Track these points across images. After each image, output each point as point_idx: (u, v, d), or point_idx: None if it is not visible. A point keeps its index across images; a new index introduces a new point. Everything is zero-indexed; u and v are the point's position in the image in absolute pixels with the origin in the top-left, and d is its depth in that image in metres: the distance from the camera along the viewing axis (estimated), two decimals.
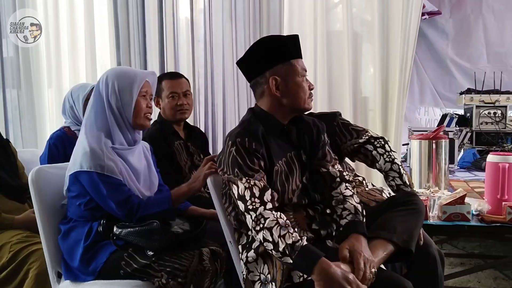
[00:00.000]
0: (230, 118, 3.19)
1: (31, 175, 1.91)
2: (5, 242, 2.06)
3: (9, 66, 3.49)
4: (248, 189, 1.51)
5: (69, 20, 3.40)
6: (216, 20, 3.16)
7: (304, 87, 1.69)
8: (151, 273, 1.73)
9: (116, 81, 1.86)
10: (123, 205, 1.77)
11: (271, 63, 1.66)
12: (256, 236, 1.47)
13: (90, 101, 1.90)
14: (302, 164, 1.72)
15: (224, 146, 1.66)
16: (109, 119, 1.85)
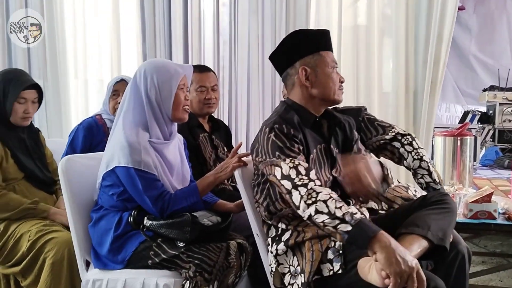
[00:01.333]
0: (254, 112, 3.20)
1: (61, 165, 1.95)
2: (24, 231, 2.09)
3: (36, 57, 3.55)
4: (293, 168, 1.50)
5: (96, 12, 3.44)
6: (242, 14, 3.17)
7: (334, 78, 1.71)
8: (179, 264, 1.76)
9: (156, 75, 1.86)
10: (157, 201, 1.80)
11: (301, 54, 1.70)
12: (306, 210, 1.44)
13: (127, 94, 1.91)
14: (332, 157, 1.73)
15: (259, 135, 1.66)
16: (147, 113, 1.87)
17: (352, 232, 1.36)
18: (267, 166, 1.58)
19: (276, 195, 1.66)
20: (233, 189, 2.55)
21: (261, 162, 1.61)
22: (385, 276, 1.29)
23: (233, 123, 3.25)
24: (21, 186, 2.23)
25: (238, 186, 1.86)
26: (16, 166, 2.21)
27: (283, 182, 1.51)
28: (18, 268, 2.07)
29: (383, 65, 3.13)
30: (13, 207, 2.13)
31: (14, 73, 2.32)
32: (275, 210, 1.67)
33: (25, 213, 2.15)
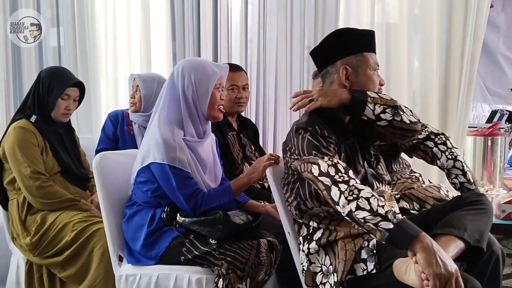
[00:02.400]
0: (282, 111, 3.19)
1: (95, 161, 1.99)
2: (67, 222, 2.15)
3: (66, 55, 3.61)
4: (332, 166, 1.50)
5: (126, 10, 3.48)
6: (270, 13, 3.16)
7: (374, 81, 1.71)
8: (211, 261, 1.78)
9: (194, 73, 1.89)
10: (190, 199, 1.82)
11: (343, 53, 1.69)
12: (346, 206, 1.42)
13: (164, 92, 1.94)
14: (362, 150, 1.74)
15: (292, 135, 1.66)
16: (182, 111, 1.89)
17: (393, 230, 1.34)
18: (303, 163, 1.57)
19: (305, 194, 1.67)
20: (260, 187, 2.57)
21: (296, 160, 1.60)
22: (425, 278, 1.28)
23: (260, 121, 3.25)
24: (57, 180, 2.29)
25: (270, 184, 1.87)
26: (54, 159, 2.29)
27: (322, 179, 1.50)
28: (59, 259, 2.13)
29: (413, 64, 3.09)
30: (59, 196, 2.21)
31: (61, 71, 2.44)
32: (305, 209, 1.67)
33: (67, 204, 2.22)
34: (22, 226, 2.19)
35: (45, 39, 3.70)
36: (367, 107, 1.62)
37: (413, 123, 1.67)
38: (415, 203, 1.92)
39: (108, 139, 2.70)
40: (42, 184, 2.17)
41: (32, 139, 2.22)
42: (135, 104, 2.70)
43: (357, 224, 1.43)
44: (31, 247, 2.13)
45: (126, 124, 2.73)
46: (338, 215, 1.59)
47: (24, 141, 2.19)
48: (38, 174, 2.18)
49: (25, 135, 2.20)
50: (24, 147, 2.18)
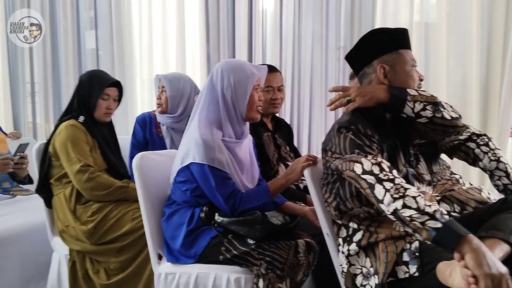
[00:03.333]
0: (317, 112, 3.18)
1: (135, 161, 2.02)
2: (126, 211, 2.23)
3: (104, 57, 3.69)
4: (376, 165, 1.48)
5: (161, 13, 3.54)
6: (306, 13, 3.15)
7: (413, 76, 1.69)
8: (250, 261, 1.79)
9: (232, 75, 1.90)
10: (229, 199, 1.84)
11: (379, 52, 1.69)
12: (391, 204, 1.39)
13: (203, 93, 1.96)
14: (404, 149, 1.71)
15: (332, 134, 1.65)
16: (221, 112, 1.91)
17: (441, 230, 1.31)
18: (345, 162, 1.55)
19: (346, 194, 1.65)
20: (296, 188, 2.56)
21: (337, 159, 1.59)
22: (472, 282, 1.25)
23: (295, 122, 3.25)
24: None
25: (308, 186, 1.86)
26: (101, 157, 2.37)
27: (365, 177, 1.48)
28: (116, 245, 2.20)
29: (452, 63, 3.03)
30: (108, 185, 2.27)
31: (99, 73, 2.52)
32: (345, 209, 1.66)
33: (119, 192, 2.29)
34: (74, 216, 2.26)
35: (83, 41, 3.79)
36: (406, 105, 1.60)
37: (454, 119, 1.65)
38: (456, 205, 1.88)
39: (139, 143, 2.75)
40: (90, 176, 2.24)
41: (82, 137, 2.30)
42: (161, 105, 2.73)
43: (402, 222, 1.40)
44: (88, 234, 2.20)
45: (154, 127, 2.77)
46: (379, 216, 1.58)
47: (75, 138, 2.28)
48: (87, 166, 2.26)
49: (76, 132, 2.29)
50: (75, 144, 2.27)
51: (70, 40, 3.92)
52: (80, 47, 3.86)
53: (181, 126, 2.78)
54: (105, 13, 3.66)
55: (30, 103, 4.32)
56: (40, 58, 4.08)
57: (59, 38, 3.98)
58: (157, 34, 3.57)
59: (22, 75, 4.24)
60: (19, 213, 2.52)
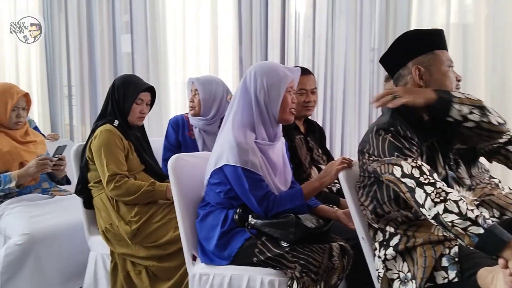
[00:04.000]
0: (350, 115, 3.15)
1: (170, 163, 2.05)
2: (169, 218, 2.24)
3: (139, 61, 3.76)
4: (416, 168, 1.46)
5: (195, 17, 3.58)
6: (339, 15, 3.14)
7: (450, 77, 1.66)
8: (284, 263, 1.78)
9: (265, 77, 1.91)
10: (262, 201, 1.84)
11: (413, 54, 1.66)
12: (432, 209, 1.38)
13: (236, 96, 1.97)
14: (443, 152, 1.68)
15: (370, 136, 1.63)
16: (255, 115, 1.92)
17: (484, 236, 1.29)
18: (383, 165, 1.54)
19: (383, 197, 1.63)
20: (329, 191, 2.55)
21: (375, 161, 1.57)
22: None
23: (327, 125, 3.23)
24: (143, 177, 2.41)
25: (343, 189, 1.85)
26: (138, 159, 2.42)
27: (405, 180, 1.46)
28: (160, 252, 2.22)
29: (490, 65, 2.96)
30: (134, 191, 2.29)
31: (133, 77, 2.57)
32: (382, 213, 1.64)
33: (146, 196, 2.31)
34: (117, 214, 2.30)
35: (118, 45, 3.87)
36: (453, 107, 1.57)
37: (501, 124, 1.60)
38: (495, 210, 1.83)
39: (172, 146, 2.78)
40: (116, 184, 2.27)
41: (117, 141, 2.34)
42: (194, 108, 2.76)
43: (443, 227, 1.37)
44: (130, 235, 2.23)
45: (187, 129, 2.80)
46: (417, 220, 1.55)
47: (109, 143, 2.31)
48: (114, 175, 2.28)
49: (111, 137, 2.33)
50: (108, 149, 2.31)
51: (106, 44, 4.01)
52: (115, 51, 3.94)
53: (213, 128, 2.80)
54: (140, 17, 3.73)
55: (67, 106, 4.43)
56: (77, 62, 4.18)
57: (95, 42, 4.07)
58: (190, 38, 3.61)
59: (59, 79, 4.35)
60: (58, 213, 2.57)
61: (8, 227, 2.47)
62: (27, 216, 2.47)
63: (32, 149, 2.74)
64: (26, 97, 2.72)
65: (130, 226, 2.25)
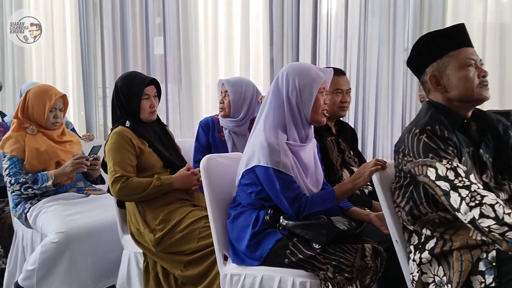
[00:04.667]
0: (383, 116, 3.10)
1: (203, 163, 2.06)
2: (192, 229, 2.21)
3: (171, 62, 3.81)
4: (451, 170, 1.44)
5: (227, 18, 3.60)
6: (372, 15, 3.10)
7: (469, 77, 1.60)
8: (316, 265, 1.77)
9: (298, 78, 1.90)
10: (293, 202, 1.83)
11: (428, 60, 1.65)
12: (468, 213, 1.37)
13: (268, 97, 1.97)
14: (481, 163, 1.63)
15: (405, 136, 1.61)
16: (286, 115, 1.91)
17: None
18: (418, 166, 1.52)
19: (421, 198, 1.60)
20: (361, 193, 2.51)
21: (410, 162, 1.55)
22: None
23: (359, 126, 3.19)
24: (163, 174, 2.39)
25: (377, 191, 1.82)
26: (155, 155, 2.40)
27: (439, 183, 1.44)
28: (183, 258, 2.20)
29: None
30: (141, 189, 2.27)
31: (133, 75, 2.51)
32: (419, 214, 1.61)
33: (154, 191, 2.28)
34: (143, 221, 2.30)
35: (151, 47, 3.93)
36: None
37: None
38: None
39: (203, 147, 2.79)
40: (122, 185, 2.26)
41: (125, 143, 2.32)
42: (224, 109, 2.77)
43: (480, 232, 1.35)
44: (154, 243, 2.23)
45: (217, 131, 2.81)
46: (455, 222, 1.52)
47: (116, 147, 2.31)
48: (119, 177, 2.27)
49: (118, 140, 2.32)
50: (115, 152, 2.31)
51: (139, 46, 4.07)
52: (148, 53, 3.99)
53: (243, 129, 2.81)
54: (172, 19, 3.78)
55: (102, 107, 4.52)
56: (111, 64, 4.26)
57: (128, 44, 4.14)
58: (221, 39, 3.63)
59: (94, 80, 4.44)
60: (92, 212, 2.62)
61: (44, 225, 2.53)
62: (63, 214, 2.53)
63: (68, 149, 2.81)
64: (63, 99, 2.79)
65: (154, 234, 2.23)
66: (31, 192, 2.62)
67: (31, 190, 2.61)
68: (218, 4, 3.63)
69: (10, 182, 2.60)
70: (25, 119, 2.72)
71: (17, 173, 2.60)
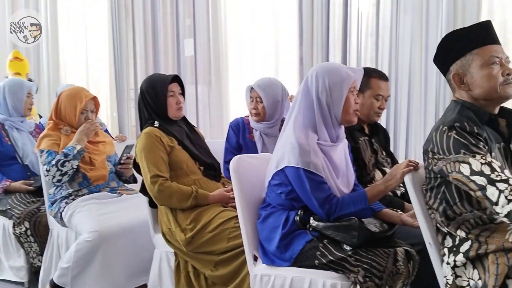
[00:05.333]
0: (415, 115, 3.05)
1: (232, 164, 2.06)
2: (222, 229, 2.21)
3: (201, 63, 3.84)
4: (486, 165, 1.41)
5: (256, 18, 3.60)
6: (404, 13, 3.04)
7: (492, 75, 1.57)
8: (347, 267, 1.75)
9: (327, 78, 1.89)
10: (324, 203, 1.82)
11: (451, 60, 1.63)
12: (506, 206, 1.34)
13: (297, 97, 1.96)
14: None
15: (434, 134, 1.58)
16: (316, 115, 1.90)
17: None
18: (450, 163, 1.49)
19: (454, 197, 1.57)
20: (393, 194, 2.47)
21: (441, 160, 1.52)
22: None
23: (391, 126, 3.14)
24: (190, 167, 2.41)
25: (409, 192, 1.79)
26: (184, 152, 2.42)
27: (474, 178, 1.41)
28: (213, 258, 2.21)
29: None
30: (178, 200, 2.28)
31: (156, 76, 2.56)
32: (453, 215, 1.57)
33: (190, 202, 2.29)
34: (175, 221, 2.32)
35: (182, 49, 3.97)
36: None
37: None
38: None
39: (233, 148, 2.80)
40: (160, 188, 2.27)
41: (156, 142, 2.34)
42: (259, 115, 2.76)
43: None
44: (185, 243, 2.25)
45: (247, 132, 2.82)
46: (491, 223, 1.48)
47: (147, 146, 2.33)
48: (157, 177, 2.29)
49: (148, 140, 2.34)
50: (147, 152, 2.33)
51: (170, 48, 4.12)
52: (179, 55, 4.04)
53: (274, 131, 2.81)
54: (202, 21, 3.81)
55: (134, 108, 4.59)
56: (143, 65, 4.33)
57: (159, 46, 4.20)
58: (251, 40, 3.64)
59: (126, 82, 4.52)
60: (125, 211, 2.66)
61: (78, 224, 2.58)
62: (96, 214, 2.57)
63: (101, 149, 2.86)
64: (95, 100, 2.84)
65: (185, 234, 2.25)
66: (69, 166, 2.63)
67: (68, 163, 2.63)
68: (247, 4, 3.64)
69: (47, 170, 2.64)
70: (58, 120, 2.78)
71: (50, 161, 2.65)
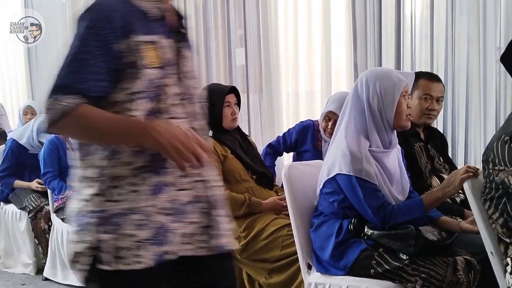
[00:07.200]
0: (474, 120, 2.91)
1: (284, 171, 2.08)
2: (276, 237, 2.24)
3: (252, 72, 3.87)
4: None
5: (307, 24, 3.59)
6: (460, 14, 2.94)
7: None
8: (404, 277, 1.71)
9: (378, 83, 1.87)
10: (378, 211, 1.79)
11: None
12: None
13: (348, 104, 1.95)
14: None
15: (495, 144, 1.53)
16: (367, 121, 1.88)
17: None
18: (511, 175, 1.43)
19: None
20: (452, 202, 2.39)
21: (502, 171, 1.47)
22: None
23: (449, 131, 3.02)
24: (243, 176, 2.45)
25: (469, 200, 1.73)
26: (237, 160, 2.46)
27: None
28: (268, 265, 2.23)
29: None
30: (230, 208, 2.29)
31: (212, 86, 2.64)
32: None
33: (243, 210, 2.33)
34: None
35: (233, 58, 4.02)
36: None
37: None
38: None
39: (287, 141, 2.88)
40: None
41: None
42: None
43: None
44: (239, 251, 2.27)
45: (315, 139, 2.81)
46: None
47: None
48: None
49: None
50: None
51: (221, 57, 4.19)
52: (231, 64, 4.09)
53: None
54: (253, 31, 3.83)
55: None
56: None
57: (211, 55, 4.27)
58: (302, 47, 3.62)
59: None
60: None
61: None
62: None
63: None
64: None
65: (239, 241, 2.26)
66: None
67: None
68: (298, 11, 3.63)
69: None
70: None
71: None
